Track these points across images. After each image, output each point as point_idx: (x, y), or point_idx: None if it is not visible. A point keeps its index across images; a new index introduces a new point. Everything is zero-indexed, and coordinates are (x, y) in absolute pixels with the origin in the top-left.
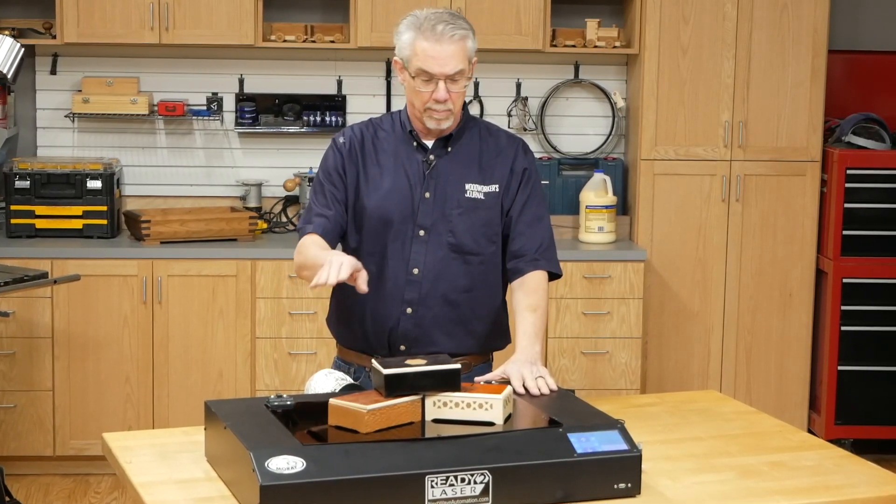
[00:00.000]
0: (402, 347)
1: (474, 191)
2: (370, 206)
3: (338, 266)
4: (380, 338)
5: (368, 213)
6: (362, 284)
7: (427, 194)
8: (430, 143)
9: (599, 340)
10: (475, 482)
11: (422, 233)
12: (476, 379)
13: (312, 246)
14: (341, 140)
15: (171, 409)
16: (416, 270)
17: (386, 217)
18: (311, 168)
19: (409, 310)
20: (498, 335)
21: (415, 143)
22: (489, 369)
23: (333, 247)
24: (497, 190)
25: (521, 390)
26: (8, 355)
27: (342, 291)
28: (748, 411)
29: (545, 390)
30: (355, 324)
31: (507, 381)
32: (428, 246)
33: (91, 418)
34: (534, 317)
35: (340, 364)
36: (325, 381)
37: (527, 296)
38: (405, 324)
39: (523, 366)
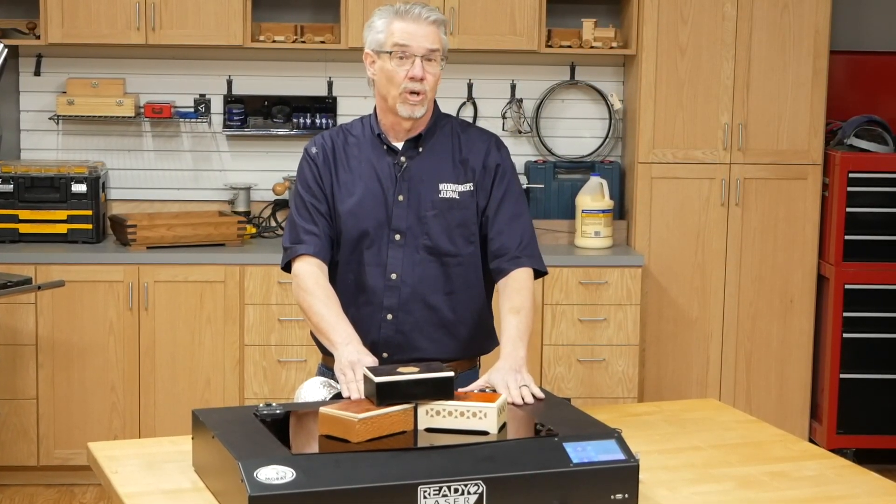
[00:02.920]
0: (385, 355)
1: (448, 190)
2: (344, 213)
3: (355, 383)
4: (361, 341)
5: (343, 220)
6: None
7: (400, 197)
8: (399, 145)
9: (596, 348)
10: (469, 493)
11: (397, 237)
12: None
13: (318, 303)
14: (313, 150)
15: (157, 418)
16: (394, 276)
17: (361, 223)
18: None
19: (389, 316)
20: (483, 338)
21: (384, 146)
22: (476, 376)
23: (328, 262)
24: (471, 188)
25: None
26: None
27: None
28: (748, 420)
29: (529, 399)
30: None
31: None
32: (405, 250)
33: (76, 427)
34: (517, 319)
35: (325, 371)
36: (316, 389)
37: (510, 298)
38: (387, 331)
39: (507, 374)
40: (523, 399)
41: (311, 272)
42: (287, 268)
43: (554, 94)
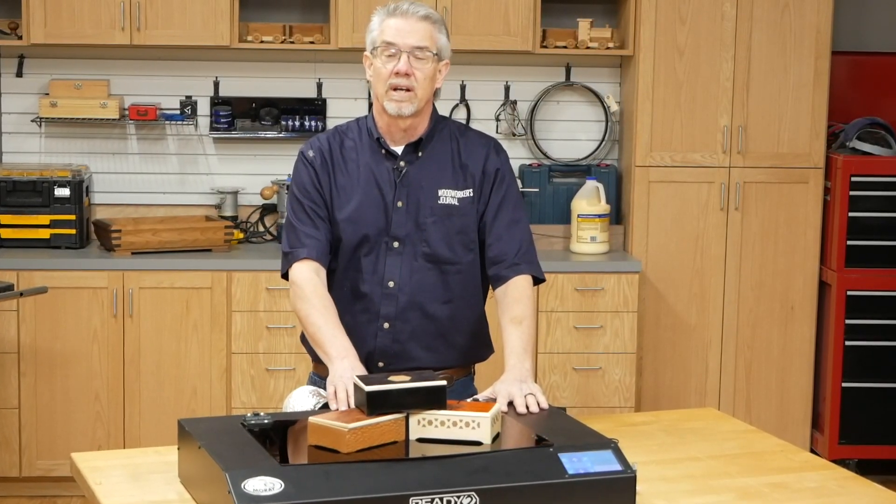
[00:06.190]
0: (381, 364)
1: (448, 196)
2: (342, 220)
3: (344, 395)
4: (357, 355)
5: (341, 226)
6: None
7: (399, 203)
8: (398, 150)
9: (592, 356)
10: None
11: (396, 244)
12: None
13: (315, 313)
14: (311, 153)
15: (142, 428)
16: (391, 284)
17: (359, 230)
18: (289, 175)
19: (386, 325)
20: (479, 346)
21: (383, 151)
22: (471, 382)
23: (327, 266)
24: (471, 195)
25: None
26: None
27: None
28: (748, 430)
29: (534, 408)
30: None
31: (495, 401)
32: (403, 257)
33: (59, 437)
34: (519, 330)
35: (316, 379)
36: (305, 398)
37: (510, 307)
38: (383, 339)
39: (512, 384)
40: (528, 408)
41: (309, 279)
42: (287, 275)
43: (549, 96)
